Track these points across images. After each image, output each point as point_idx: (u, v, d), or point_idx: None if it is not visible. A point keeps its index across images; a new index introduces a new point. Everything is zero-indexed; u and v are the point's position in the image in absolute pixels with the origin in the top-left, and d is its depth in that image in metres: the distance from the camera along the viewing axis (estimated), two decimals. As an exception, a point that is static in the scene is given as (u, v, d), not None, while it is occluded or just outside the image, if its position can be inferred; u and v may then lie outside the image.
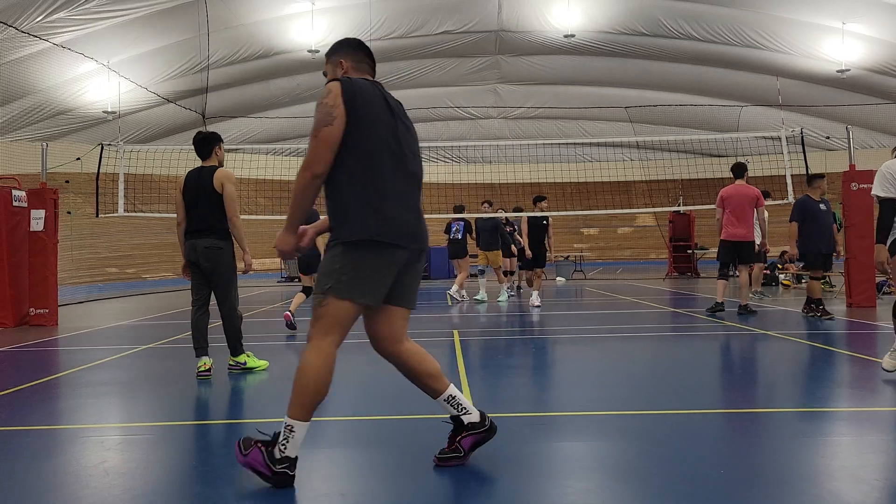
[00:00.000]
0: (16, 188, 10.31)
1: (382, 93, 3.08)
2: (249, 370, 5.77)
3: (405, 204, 3.00)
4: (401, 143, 3.03)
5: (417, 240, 3.03)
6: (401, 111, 3.15)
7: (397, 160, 3.00)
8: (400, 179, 3.00)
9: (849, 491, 2.80)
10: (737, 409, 4.24)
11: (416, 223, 3.05)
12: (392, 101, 3.11)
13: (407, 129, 3.13)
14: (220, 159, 5.80)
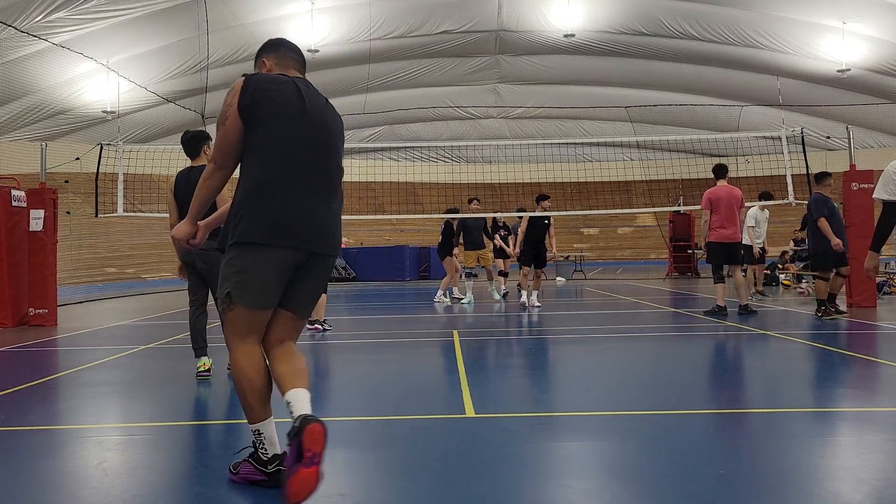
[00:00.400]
0: (15, 188, 10.30)
1: (297, 87, 2.94)
2: None
3: (294, 203, 2.84)
4: (303, 141, 2.89)
5: (303, 240, 2.84)
6: (318, 106, 2.97)
7: (294, 158, 2.86)
8: (292, 178, 2.85)
9: (849, 491, 2.79)
10: (737, 409, 4.24)
11: (305, 223, 2.85)
12: (311, 96, 2.96)
13: (321, 125, 2.94)
14: (210, 158, 5.78)
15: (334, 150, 3.01)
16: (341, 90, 26.18)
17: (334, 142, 3.02)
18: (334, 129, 3.03)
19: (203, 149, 5.74)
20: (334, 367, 6.35)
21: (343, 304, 13.42)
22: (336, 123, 3.06)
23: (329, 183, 2.95)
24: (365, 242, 26.75)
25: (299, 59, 3.15)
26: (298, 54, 3.16)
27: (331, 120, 3.02)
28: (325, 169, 2.94)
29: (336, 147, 3.02)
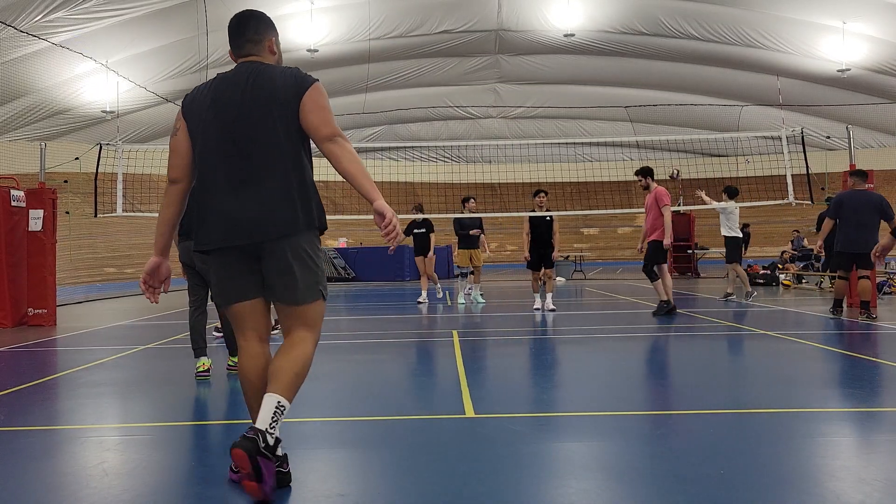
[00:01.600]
0: (14, 188, 10.30)
1: (210, 91, 2.98)
2: None
3: (210, 207, 2.89)
4: (213, 148, 2.89)
5: (223, 240, 2.86)
6: (233, 99, 2.91)
7: (207, 165, 2.91)
8: (208, 185, 2.90)
9: (850, 491, 2.79)
10: (737, 409, 4.23)
11: (220, 223, 2.86)
12: (223, 92, 2.94)
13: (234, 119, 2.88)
14: None
15: (252, 137, 2.86)
16: (341, 90, 26.17)
17: (252, 126, 2.86)
18: (255, 113, 2.86)
19: None
20: (334, 367, 6.35)
21: (343, 304, 13.42)
22: (268, 99, 2.87)
23: (247, 173, 2.85)
24: (364, 242, 26.73)
25: (234, 38, 3.09)
26: (234, 33, 3.09)
27: (254, 100, 2.87)
28: (242, 161, 2.86)
29: (255, 130, 2.86)
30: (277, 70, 2.95)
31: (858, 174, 8.98)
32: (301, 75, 2.94)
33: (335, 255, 21.82)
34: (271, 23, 3.18)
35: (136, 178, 15.09)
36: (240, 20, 3.10)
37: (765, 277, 15.80)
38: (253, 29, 3.09)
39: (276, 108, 2.86)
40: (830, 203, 8.78)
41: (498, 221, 27.99)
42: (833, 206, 8.77)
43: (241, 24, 3.08)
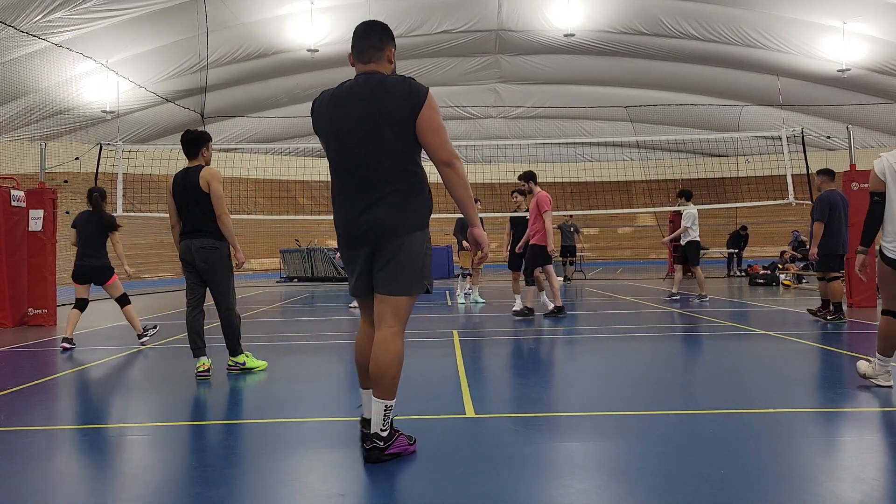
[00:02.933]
0: (14, 188, 10.31)
1: (335, 93, 3.27)
2: (248, 370, 5.76)
3: (338, 207, 3.31)
4: (340, 159, 3.26)
5: (350, 240, 3.27)
6: (349, 112, 3.20)
7: (337, 174, 3.30)
8: (337, 190, 3.30)
9: (849, 491, 2.79)
10: (737, 409, 4.23)
11: (344, 224, 3.28)
12: (342, 105, 3.22)
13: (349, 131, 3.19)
14: (207, 159, 5.76)
15: (365, 147, 3.16)
16: (341, 90, 26.20)
17: (367, 136, 3.15)
18: (372, 124, 3.14)
19: (201, 151, 5.72)
20: (334, 367, 6.35)
21: (342, 304, 13.42)
22: (384, 112, 3.12)
23: (366, 182, 3.19)
24: (365, 242, 26.70)
25: (359, 43, 3.31)
26: (360, 39, 3.31)
27: (370, 112, 3.14)
28: (362, 170, 3.18)
29: (369, 140, 3.15)
30: (392, 82, 3.17)
31: (829, 173, 8.84)
32: (414, 88, 3.16)
33: (335, 255, 21.81)
34: (392, 34, 3.39)
35: (136, 178, 15.10)
36: (367, 28, 3.33)
37: (765, 277, 15.80)
38: (377, 37, 3.30)
39: (390, 120, 3.13)
40: (822, 204, 8.46)
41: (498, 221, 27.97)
42: (825, 207, 8.43)
43: (367, 32, 3.31)
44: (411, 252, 3.18)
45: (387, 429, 3.22)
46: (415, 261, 3.20)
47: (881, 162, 4.52)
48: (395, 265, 3.17)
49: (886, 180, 4.48)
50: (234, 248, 5.68)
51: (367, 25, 3.32)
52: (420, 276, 3.22)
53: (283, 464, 3.30)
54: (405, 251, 3.16)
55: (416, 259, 3.20)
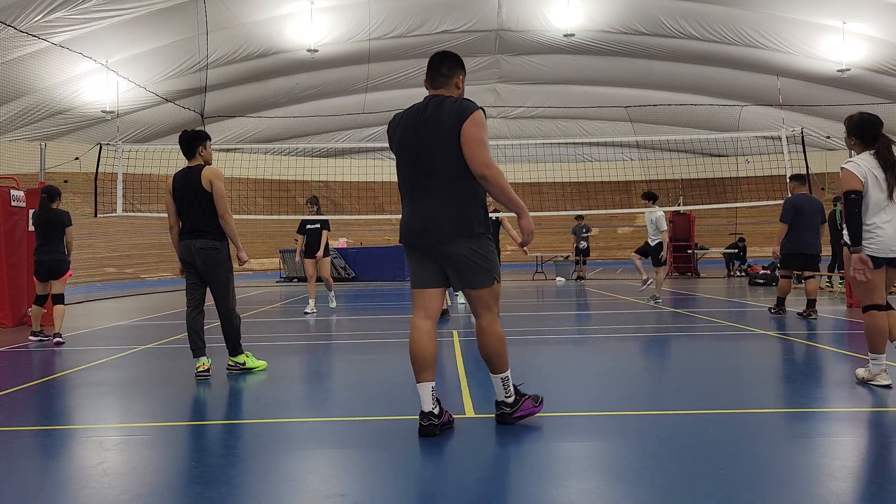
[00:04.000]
0: (14, 188, 10.31)
1: (406, 112, 3.80)
2: (248, 370, 5.76)
3: (406, 213, 3.76)
4: (403, 160, 3.75)
5: (414, 240, 3.71)
6: (415, 128, 3.70)
7: (402, 176, 3.75)
8: (404, 192, 3.76)
9: (850, 491, 2.79)
10: (737, 409, 4.23)
11: (409, 226, 3.72)
12: (409, 123, 3.74)
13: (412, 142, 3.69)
14: (206, 158, 5.75)
15: (426, 159, 3.63)
16: (341, 90, 26.17)
17: (427, 150, 3.63)
18: (429, 139, 3.62)
19: (198, 150, 5.70)
20: (334, 367, 6.35)
21: (342, 304, 13.41)
22: (438, 127, 3.60)
23: (429, 190, 3.64)
24: (365, 242, 26.73)
25: (432, 71, 3.80)
26: (433, 68, 3.80)
27: (432, 128, 3.62)
28: (426, 179, 3.65)
29: (429, 153, 3.63)
30: (449, 101, 3.66)
31: (800, 179, 9.52)
32: (464, 106, 3.63)
33: (335, 255, 21.81)
34: (462, 63, 3.86)
35: (136, 178, 15.09)
36: (441, 58, 3.82)
37: (765, 277, 15.78)
38: (447, 67, 3.80)
39: (444, 135, 3.60)
40: (786, 208, 9.08)
41: (498, 221, 27.99)
42: (789, 210, 8.99)
43: (440, 62, 3.80)
44: (473, 253, 3.63)
45: (511, 395, 3.75)
46: (477, 260, 3.64)
47: (858, 166, 4.64)
48: (463, 266, 3.64)
49: (866, 182, 4.59)
50: (237, 248, 5.68)
51: (441, 57, 3.81)
52: (487, 272, 3.68)
53: (283, 464, 3.30)
54: (468, 253, 3.61)
55: (478, 259, 3.64)
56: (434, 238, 3.61)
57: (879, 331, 4.65)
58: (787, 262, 9.12)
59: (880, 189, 4.58)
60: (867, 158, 4.67)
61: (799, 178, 9.59)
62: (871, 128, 4.70)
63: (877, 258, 4.61)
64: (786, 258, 9.07)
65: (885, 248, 4.60)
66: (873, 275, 4.61)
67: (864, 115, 4.80)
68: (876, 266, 4.62)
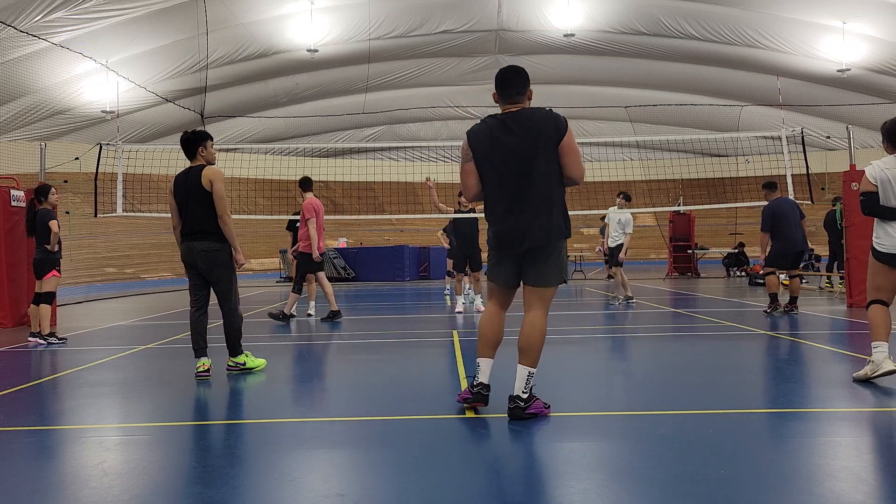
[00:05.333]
0: (14, 188, 10.31)
1: (490, 124, 4.08)
2: (249, 370, 5.74)
3: (497, 218, 4.01)
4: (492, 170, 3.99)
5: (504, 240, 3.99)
6: (502, 129, 3.99)
7: (493, 184, 4.00)
8: (495, 198, 4.01)
9: (850, 491, 2.79)
10: (736, 409, 4.23)
11: (500, 229, 3.99)
12: (496, 127, 4.02)
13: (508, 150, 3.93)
14: (208, 158, 5.72)
15: (523, 168, 3.88)
16: (341, 90, 26.14)
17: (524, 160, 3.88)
18: (530, 148, 3.87)
19: (199, 150, 5.68)
20: (334, 367, 6.35)
21: (343, 304, 13.42)
22: (539, 137, 3.87)
23: (521, 196, 3.89)
24: (365, 242, 26.72)
25: (505, 89, 4.10)
26: (506, 85, 4.09)
27: (524, 139, 3.88)
28: (519, 187, 3.89)
29: (525, 163, 3.87)
30: (539, 114, 3.96)
31: (771, 186, 9.88)
32: (559, 119, 3.93)
33: (335, 255, 21.81)
34: (528, 76, 4.13)
35: (136, 178, 15.08)
36: (512, 77, 4.10)
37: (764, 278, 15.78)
38: (521, 83, 4.08)
39: (542, 146, 3.86)
40: (764, 216, 9.45)
41: (498, 221, 27.98)
42: (768, 218, 9.37)
43: (511, 80, 4.10)
44: (554, 255, 3.95)
45: (527, 392, 3.91)
46: (556, 261, 3.97)
47: (873, 168, 4.93)
48: (543, 265, 3.94)
49: (878, 185, 4.87)
50: (235, 250, 5.66)
51: (511, 74, 4.10)
52: (560, 272, 4.00)
53: (283, 464, 3.30)
54: (551, 254, 3.93)
55: (557, 260, 3.97)
56: (534, 243, 3.88)
57: (883, 319, 4.86)
58: (777, 261, 9.49)
59: (892, 188, 4.82)
60: (887, 160, 4.93)
61: (769, 185, 9.96)
62: None
63: (892, 255, 4.80)
64: (776, 258, 9.44)
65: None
66: (887, 274, 4.85)
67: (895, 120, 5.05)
68: (893, 266, 4.82)
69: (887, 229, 4.83)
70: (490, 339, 4.08)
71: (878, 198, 4.84)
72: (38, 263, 8.16)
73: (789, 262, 9.57)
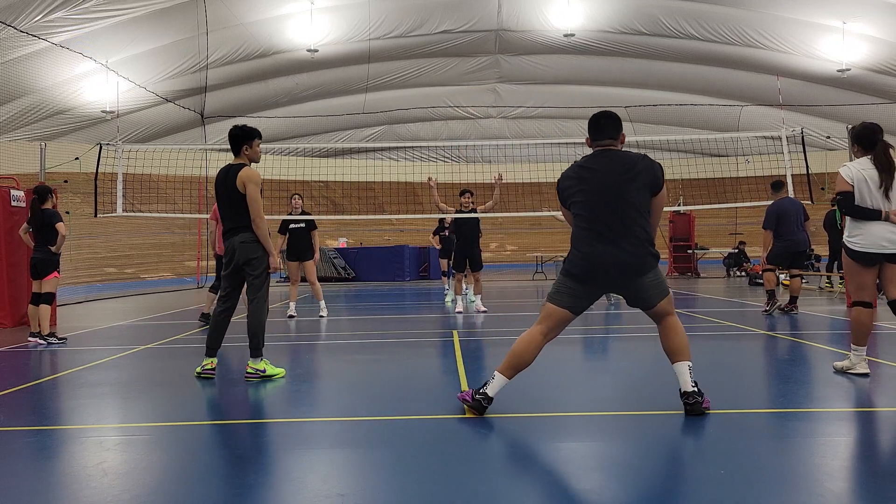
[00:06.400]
0: (14, 188, 10.31)
1: (582, 163, 4.24)
2: (269, 377, 5.44)
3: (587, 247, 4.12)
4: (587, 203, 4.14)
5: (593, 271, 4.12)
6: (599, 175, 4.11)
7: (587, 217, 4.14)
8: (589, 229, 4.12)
9: (850, 491, 2.79)
10: (737, 409, 4.23)
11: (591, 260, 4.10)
12: (589, 170, 4.17)
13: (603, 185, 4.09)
14: (252, 157, 5.61)
15: (621, 203, 4.05)
16: (341, 90, 26.14)
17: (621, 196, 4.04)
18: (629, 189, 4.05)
19: (244, 147, 5.57)
20: (334, 367, 6.35)
21: (343, 304, 13.42)
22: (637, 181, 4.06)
23: (615, 229, 4.05)
24: (365, 242, 26.71)
25: (599, 133, 4.22)
26: (601, 129, 4.22)
27: (622, 179, 4.06)
28: (613, 221, 4.05)
29: (623, 199, 4.04)
30: (634, 156, 4.16)
31: (774, 186, 10.08)
32: (658, 174, 4.12)
33: (335, 255, 21.81)
34: (620, 121, 4.29)
35: (136, 178, 15.08)
36: (606, 120, 4.25)
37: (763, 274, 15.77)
38: (614, 128, 4.24)
39: (639, 187, 4.07)
40: (769, 214, 9.54)
41: (498, 221, 27.98)
42: (772, 217, 9.47)
43: (605, 125, 4.23)
44: (655, 278, 4.13)
45: (696, 386, 4.06)
46: (659, 282, 4.15)
47: (848, 169, 5.07)
48: (647, 291, 4.11)
49: (854, 185, 5.00)
50: (269, 253, 5.55)
51: (605, 119, 4.24)
52: (663, 287, 4.17)
53: (283, 464, 3.30)
54: (653, 279, 4.11)
55: (659, 281, 4.15)
56: (633, 273, 4.06)
57: (863, 325, 5.04)
58: (778, 260, 9.58)
59: (868, 188, 4.95)
60: (861, 162, 5.07)
61: (776, 185, 10.11)
62: (872, 135, 5.10)
63: (869, 254, 4.94)
64: (777, 257, 9.53)
65: (874, 243, 4.92)
66: (865, 273, 4.99)
67: (865, 125, 5.21)
68: (870, 263, 4.97)
69: (861, 228, 4.96)
70: (521, 362, 4.13)
71: (854, 197, 4.96)
72: (39, 263, 8.16)
73: (788, 262, 9.66)
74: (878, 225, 4.90)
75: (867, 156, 5.05)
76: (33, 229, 8.21)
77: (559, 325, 4.19)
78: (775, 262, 9.61)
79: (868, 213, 4.92)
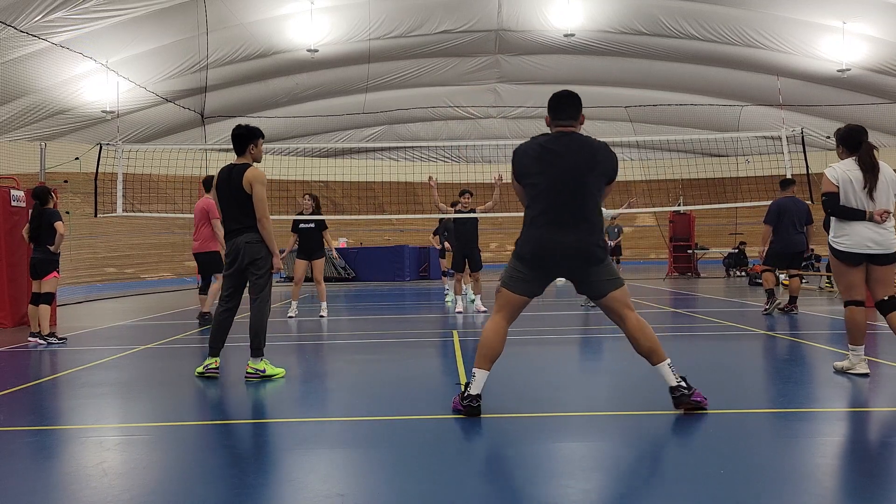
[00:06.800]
0: (14, 188, 10.31)
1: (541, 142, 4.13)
2: (269, 377, 5.44)
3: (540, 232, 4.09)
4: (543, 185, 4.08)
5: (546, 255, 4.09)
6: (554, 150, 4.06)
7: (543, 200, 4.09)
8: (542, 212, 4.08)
9: (850, 491, 2.79)
10: (737, 409, 4.23)
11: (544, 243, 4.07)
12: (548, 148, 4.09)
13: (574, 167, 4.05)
14: (256, 157, 5.59)
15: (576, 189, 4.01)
16: (341, 90, 26.14)
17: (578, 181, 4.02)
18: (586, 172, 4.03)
19: (249, 147, 5.53)
20: (335, 367, 6.35)
21: (343, 304, 13.42)
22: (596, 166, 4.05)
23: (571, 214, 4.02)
24: (365, 242, 26.71)
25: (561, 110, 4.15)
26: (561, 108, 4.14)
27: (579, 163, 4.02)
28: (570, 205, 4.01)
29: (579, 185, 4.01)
30: (596, 144, 4.12)
31: (782, 184, 9.92)
32: (615, 164, 4.15)
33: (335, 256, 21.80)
34: (581, 102, 4.23)
35: (136, 178, 15.08)
36: (567, 101, 4.17)
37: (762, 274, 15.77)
38: (575, 109, 4.18)
39: (596, 173, 4.06)
40: (770, 210, 9.52)
41: (498, 221, 27.97)
42: (774, 213, 9.43)
43: (566, 104, 4.17)
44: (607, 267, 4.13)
45: (681, 380, 4.02)
46: (611, 271, 4.15)
47: (834, 170, 5.16)
48: (601, 278, 4.09)
49: (839, 186, 5.07)
50: (273, 254, 5.53)
51: (565, 98, 4.17)
52: (615, 276, 4.15)
53: (283, 464, 3.30)
54: (605, 267, 4.10)
55: (611, 270, 4.16)
56: (583, 261, 4.04)
57: (857, 325, 5.04)
58: (775, 260, 9.59)
59: (853, 189, 5.03)
60: (846, 163, 5.18)
61: (784, 183, 10.03)
62: (856, 136, 5.24)
63: (854, 254, 5.00)
64: (773, 256, 9.54)
65: (858, 243, 4.98)
66: (852, 272, 5.04)
67: (850, 126, 5.35)
68: (855, 263, 5.02)
69: (846, 229, 5.02)
70: (493, 351, 4.14)
71: (839, 198, 5.03)
72: (39, 263, 8.16)
73: (786, 262, 9.68)
74: (862, 225, 4.96)
75: (852, 157, 5.15)
76: (32, 229, 8.20)
77: (518, 310, 4.26)
78: (772, 262, 9.63)
79: (853, 214, 4.98)
